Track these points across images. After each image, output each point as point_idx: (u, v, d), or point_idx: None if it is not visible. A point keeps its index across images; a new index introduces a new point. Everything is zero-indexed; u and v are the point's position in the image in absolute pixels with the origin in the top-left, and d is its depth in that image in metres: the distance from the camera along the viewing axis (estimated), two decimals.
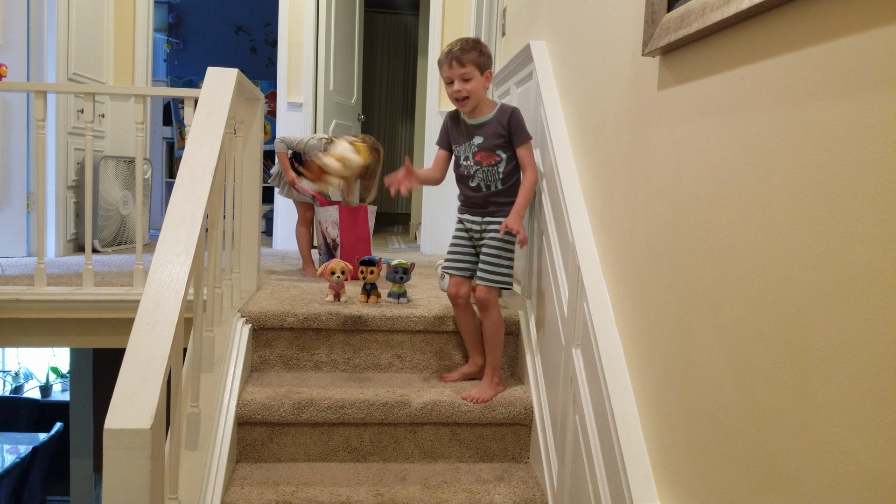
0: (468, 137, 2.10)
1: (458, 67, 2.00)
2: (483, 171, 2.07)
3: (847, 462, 0.80)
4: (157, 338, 1.27)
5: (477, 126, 2.08)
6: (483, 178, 2.08)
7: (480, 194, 2.10)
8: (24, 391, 6.94)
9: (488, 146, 2.06)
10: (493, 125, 2.06)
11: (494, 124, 2.06)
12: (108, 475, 1.11)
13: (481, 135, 2.07)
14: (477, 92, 2.03)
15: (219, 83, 1.99)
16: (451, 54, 2.01)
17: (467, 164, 2.10)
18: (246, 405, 1.99)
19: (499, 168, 2.07)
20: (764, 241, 0.98)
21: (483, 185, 2.09)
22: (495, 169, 2.07)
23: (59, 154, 3.50)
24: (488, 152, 2.07)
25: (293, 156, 3.20)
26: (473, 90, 2.02)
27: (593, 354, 1.56)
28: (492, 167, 2.07)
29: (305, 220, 3.32)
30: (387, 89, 7.01)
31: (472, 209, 2.14)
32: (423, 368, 2.32)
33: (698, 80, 1.20)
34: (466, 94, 2.01)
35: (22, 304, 2.48)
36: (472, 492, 1.89)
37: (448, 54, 2.02)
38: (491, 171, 2.07)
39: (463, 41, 2.03)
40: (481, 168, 2.07)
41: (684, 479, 1.20)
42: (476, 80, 2.02)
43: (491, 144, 2.06)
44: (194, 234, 1.52)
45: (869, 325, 0.77)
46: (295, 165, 3.19)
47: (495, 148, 2.06)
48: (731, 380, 1.06)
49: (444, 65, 2.03)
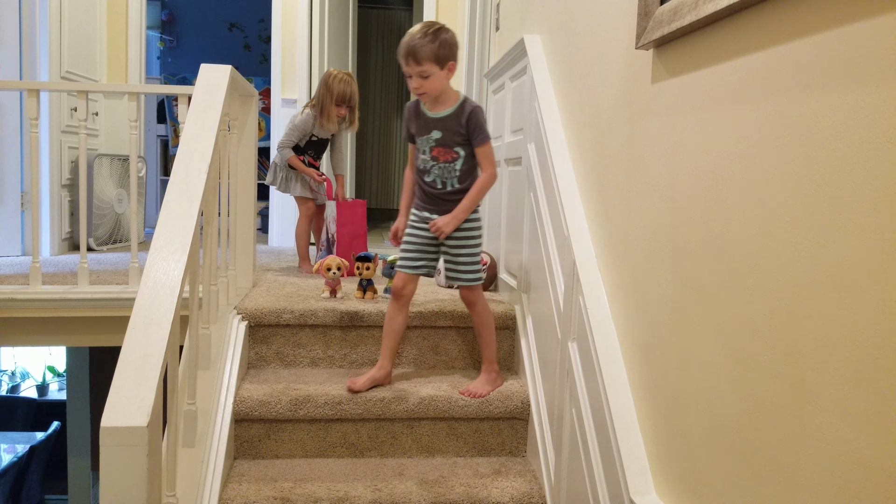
0: (427, 130, 2.00)
1: (415, 65, 1.88)
2: (439, 168, 2.00)
3: (843, 453, 0.80)
4: (153, 335, 1.27)
5: (437, 120, 1.98)
6: (439, 175, 2.00)
7: (437, 191, 2.02)
8: (20, 390, 6.93)
9: (446, 142, 1.98)
10: (453, 121, 1.97)
11: (454, 120, 1.97)
12: (105, 473, 1.11)
13: (440, 129, 1.98)
14: (437, 88, 1.93)
15: (212, 80, 1.98)
16: (409, 50, 1.87)
17: (424, 157, 2.02)
18: (243, 402, 1.99)
19: (455, 165, 1.99)
20: (758, 233, 0.99)
21: (439, 181, 2.01)
22: (452, 166, 1.99)
23: (53, 152, 3.49)
24: (446, 148, 1.98)
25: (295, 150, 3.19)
26: (432, 87, 1.92)
27: (589, 348, 1.57)
28: (448, 164, 1.99)
29: (308, 215, 3.28)
30: (381, 85, 7.00)
31: (431, 206, 2.05)
32: (420, 364, 2.32)
33: (692, 72, 1.20)
34: (425, 90, 1.92)
35: (17, 304, 2.47)
36: (470, 486, 1.90)
37: (405, 49, 1.88)
38: (447, 167, 1.99)
39: (422, 31, 1.88)
40: (437, 164, 1.99)
41: (680, 472, 1.21)
42: (436, 76, 1.90)
43: (449, 140, 1.98)
44: (189, 232, 1.51)
45: (863, 315, 0.78)
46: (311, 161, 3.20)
47: (454, 144, 1.98)
48: (726, 372, 1.06)
49: (402, 59, 1.91)
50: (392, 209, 7.11)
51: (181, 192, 1.61)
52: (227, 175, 2.31)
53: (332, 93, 3.05)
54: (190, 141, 1.75)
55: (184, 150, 1.73)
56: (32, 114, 2.40)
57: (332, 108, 3.07)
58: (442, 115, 1.98)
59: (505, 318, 2.32)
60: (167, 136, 5.63)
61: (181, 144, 1.75)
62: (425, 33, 1.87)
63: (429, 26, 1.89)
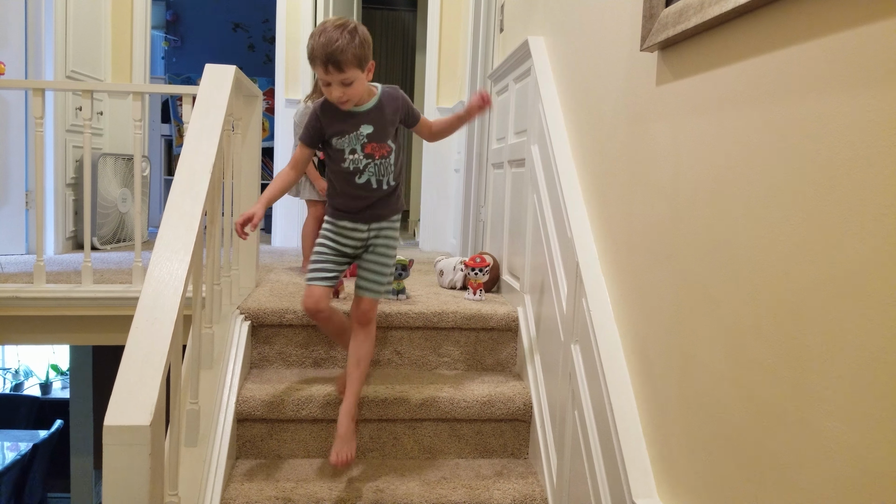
0: (355, 127, 1.78)
1: (337, 73, 1.66)
2: (375, 165, 1.81)
3: (846, 457, 0.80)
4: (157, 335, 1.27)
5: (364, 113, 1.78)
6: (375, 173, 1.82)
7: (370, 193, 1.83)
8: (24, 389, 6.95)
9: (379, 136, 1.80)
10: (384, 110, 1.80)
11: (385, 109, 1.80)
12: (107, 472, 1.11)
13: (371, 123, 1.79)
14: (359, 93, 1.74)
15: (217, 80, 1.98)
16: (328, 56, 1.64)
17: (355, 157, 1.80)
18: (245, 402, 1.99)
19: (391, 160, 1.83)
20: (762, 236, 0.98)
21: (374, 180, 1.82)
22: (387, 161, 1.83)
23: (58, 152, 3.50)
24: (380, 143, 1.80)
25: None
26: (356, 93, 1.73)
27: (592, 350, 1.57)
28: (384, 159, 1.82)
29: (318, 216, 3.22)
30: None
31: (354, 215, 1.86)
32: (422, 365, 2.32)
33: (697, 75, 1.20)
34: (348, 98, 1.72)
35: (21, 302, 2.48)
36: (472, 487, 1.90)
37: (323, 55, 1.64)
38: (384, 163, 1.82)
39: (338, 31, 1.64)
40: (373, 161, 1.81)
41: (683, 475, 1.21)
42: (358, 81, 1.70)
43: (382, 134, 1.80)
44: (193, 231, 1.51)
45: (868, 320, 0.77)
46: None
47: (387, 137, 1.81)
48: (729, 375, 1.06)
49: (318, 66, 1.67)
50: None
51: (185, 191, 1.62)
52: (230, 175, 2.31)
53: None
54: (194, 141, 1.76)
55: (188, 150, 1.73)
56: (38, 113, 2.41)
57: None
58: (368, 106, 1.79)
59: (507, 319, 2.32)
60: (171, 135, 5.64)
61: (185, 144, 1.75)
62: (342, 33, 1.64)
63: (342, 25, 1.67)
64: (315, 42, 1.65)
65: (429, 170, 4.43)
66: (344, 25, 1.67)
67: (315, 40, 1.65)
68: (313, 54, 1.67)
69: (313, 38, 1.66)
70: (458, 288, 2.78)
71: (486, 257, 2.66)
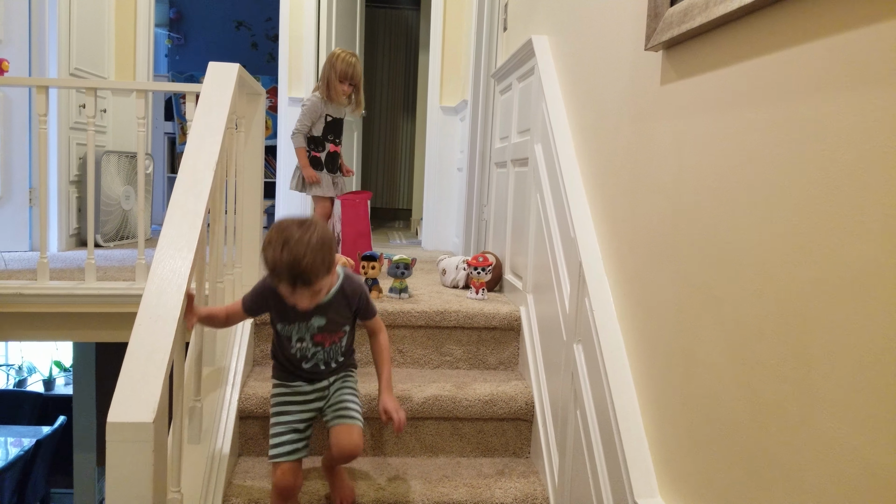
0: (304, 318, 1.64)
1: (306, 288, 1.50)
2: (325, 352, 1.70)
3: (849, 458, 0.80)
4: (160, 332, 1.27)
5: (318, 306, 1.62)
6: (323, 358, 1.71)
7: (318, 371, 1.72)
8: (27, 385, 6.97)
9: (332, 327, 1.68)
10: (340, 304, 1.68)
11: (341, 303, 1.68)
12: (111, 468, 1.11)
13: (324, 315, 1.65)
14: (325, 293, 1.61)
15: (220, 78, 1.99)
16: (294, 275, 1.46)
17: (303, 345, 1.67)
18: (248, 399, 1.99)
19: (342, 343, 1.73)
20: (766, 236, 0.98)
21: (322, 363, 1.71)
22: (338, 346, 1.72)
23: (62, 149, 3.50)
24: (332, 333, 1.69)
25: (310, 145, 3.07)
26: (322, 295, 1.59)
27: (595, 349, 1.57)
28: (335, 345, 1.71)
29: (325, 215, 3.15)
30: (388, 85, 7.00)
31: (306, 379, 1.73)
32: (424, 364, 2.32)
33: (701, 74, 1.20)
34: (316, 301, 1.57)
35: (25, 299, 2.48)
36: (474, 486, 1.90)
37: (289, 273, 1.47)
38: (334, 348, 1.71)
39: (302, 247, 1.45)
40: (323, 349, 1.69)
41: (685, 475, 1.21)
42: (325, 283, 1.54)
43: (335, 325, 1.68)
44: (196, 229, 1.52)
45: (872, 321, 0.77)
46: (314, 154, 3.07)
47: (340, 326, 1.70)
48: (732, 375, 1.06)
49: (284, 282, 1.49)
50: (398, 209, 7.12)
51: (188, 189, 1.62)
52: (233, 173, 2.31)
53: (336, 70, 2.99)
54: (197, 139, 1.76)
55: (191, 148, 1.73)
56: (41, 110, 2.41)
57: (337, 84, 3.01)
58: (323, 301, 1.62)
59: (510, 319, 2.32)
60: (174, 133, 5.65)
61: (189, 142, 1.76)
62: (307, 246, 1.46)
63: (304, 228, 1.48)
64: (278, 257, 1.46)
65: (431, 168, 4.43)
66: (304, 228, 1.48)
67: (277, 254, 1.46)
68: (277, 269, 1.48)
69: (274, 249, 1.46)
70: (461, 287, 2.78)
71: (489, 256, 2.66)
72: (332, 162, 3.13)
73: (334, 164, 3.14)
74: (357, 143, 5.18)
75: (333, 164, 3.14)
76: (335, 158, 3.14)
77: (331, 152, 3.10)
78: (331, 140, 3.10)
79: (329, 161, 3.11)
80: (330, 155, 3.10)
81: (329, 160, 3.11)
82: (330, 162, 3.11)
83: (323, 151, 3.09)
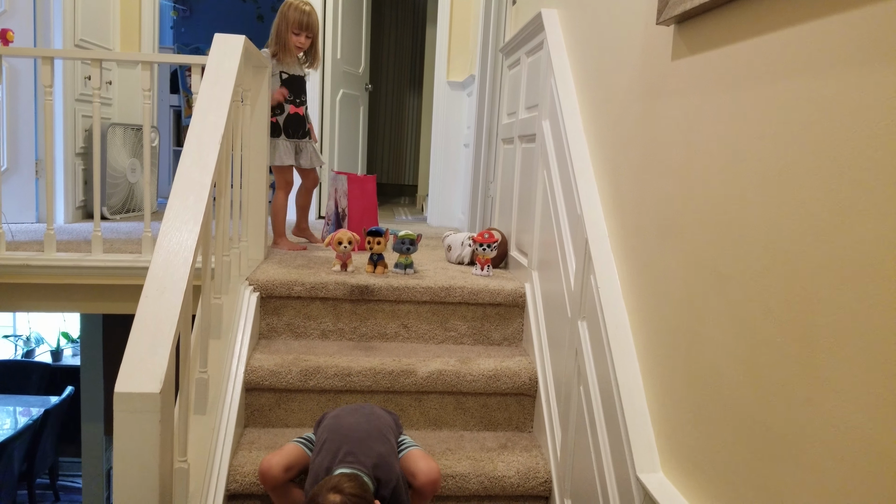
0: None
1: None
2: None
3: (852, 436, 0.80)
4: (166, 304, 1.28)
5: None
6: None
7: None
8: (35, 356, 7.04)
9: None
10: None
11: None
12: (118, 438, 1.13)
13: None
14: None
15: (226, 50, 1.97)
16: None
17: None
18: (254, 371, 2.01)
19: None
20: (775, 214, 0.98)
21: None
22: None
23: (67, 121, 3.50)
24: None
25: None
26: None
27: (599, 326, 1.57)
28: None
29: (287, 189, 2.96)
30: (394, 59, 6.94)
31: None
32: (429, 339, 2.33)
33: (713, 50, 1.18)
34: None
35: (32, 270, 2.50)
36: (477, 459, 1.92)
37: None
38: None
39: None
40: None
41: (687, 451, 1.21)
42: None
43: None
44: (202, 202, 1.52)
45: (880, 300, 0.77)
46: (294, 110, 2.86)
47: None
48: (737, 353, 1.06)
49: None
50: (404, 185, 7.10)
51: (194, 162, 1.61)
52: (239, 147, 2.30)
53: (287, 20, 2.78)
54: (203, 111, 1.75)
55: (197, 121, 1.73)
56: (47, 81, 2.40)
57: (290, 36, 2.77)
58: None
59: (515, 295, 2.32)
60: (180, 106, 5.62)
61: (194, 115, 1.75)
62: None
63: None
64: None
65: (438, 144, 4.40)
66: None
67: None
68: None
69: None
70: (466, 263, 2.78)
71: (495, 233, 2.65)
72: (295, 126, 2.85)
73: (297, 129, 2.86)
74: (363, 118, 5.15)
75: (296, 129, 2.86)
76: (298, 122, 2.86)
77: (290, 114, 2.84)
78: (290, 101, 2.84)
79: (290, 125, 2.85)
80: (290, 118, 2.84)
81: (290, 124, 2.85)
82: (291, 126, 2.85)
83: (282, 115, 2.83)
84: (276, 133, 2.86)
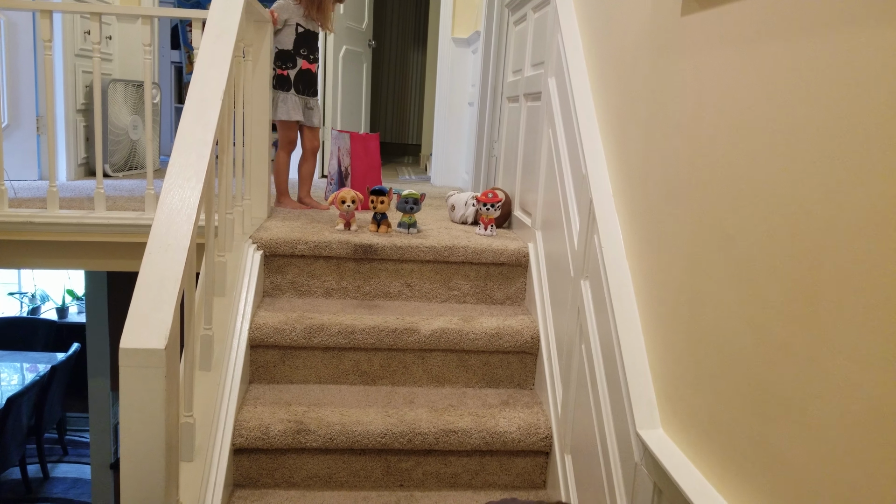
0: None
1: None
2: None
3: (854, 395, 0.80)
4: (170, 261, 1.28)
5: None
6: None
7: None
8: (41, 313, 7.11)
9: None
10: None
11: None
12: (124, 393, 1.14)
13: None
14: None
15: (227, 4, 1.93)
16: None
17: None
18: (258, 329, 2.02)
19: None
20: (784, 174, 0.97)
21: None
22: None
23: (67, 76, 3.45)
24: None
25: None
26: None
27: (602, 286, 1.57)
28: None
29: (289, 148, 2.89)
30: (398, 14, 6.81)
31: None
32: (432, 297, 2.34)
33: (724, 4, 1.16)
34: None
35: (35, 227, 2.50)
36: (478, 415, 1.94)
37: None
38: None
39: None
40: None
41: (688, 409, 1.23)
42: None
43: None
44: (204, 159, 1.50)
45: (887, 259, 0.77)
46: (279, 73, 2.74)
47: None
48: (740, 313, 1.06)
49: None
50: (407, 144, 7.05)
51: (196, 119, 1.60)
52: (241, 103, 2.28)
53: None
54: (204, 67, 1.72)
55: (198, 77, 1.70)
56: (46, 35, 2.37)
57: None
58: None
59: (518, 255, 2.32)
60: (181, 62, 5.54)
61: (195, 70, 1.72)
62: None
63: None
64: None
65: (442, 103, 4.35)
66: None
67: None
68: None
69: None
70: (470, 223, 2.78)
71: (499, 192, 2.64)
72: (306, 82, 2.78)
73: (307, 86, 2.79)
74: (366, 76, 5.08)
75: (307, 85, 2.79)
76: (309, 78, 2.76)
77: (303, 69, 2.75)
78: (304, 55, 2.74)
79: (300, 80, 2.77)
80: (302, 73, 2.75)
81: (301, 79, 2.77)
82: (301, 81, 2.77)
83: (294, 69, 2.74)
84: (286, 87, 2.78)
